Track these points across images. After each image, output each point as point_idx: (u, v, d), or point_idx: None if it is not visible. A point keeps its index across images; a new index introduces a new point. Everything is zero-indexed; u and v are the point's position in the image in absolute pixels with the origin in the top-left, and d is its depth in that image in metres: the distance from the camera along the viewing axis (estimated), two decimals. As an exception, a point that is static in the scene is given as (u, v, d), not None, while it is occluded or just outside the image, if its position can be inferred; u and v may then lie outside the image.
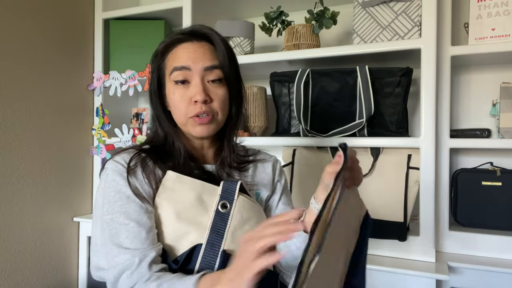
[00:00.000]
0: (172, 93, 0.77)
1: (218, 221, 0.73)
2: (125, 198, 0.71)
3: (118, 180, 0.73)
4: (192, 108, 0.76)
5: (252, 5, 1.53)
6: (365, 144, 1.18)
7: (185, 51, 0.76)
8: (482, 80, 1.33)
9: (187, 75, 0.76)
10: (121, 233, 0.69)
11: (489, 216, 1.20)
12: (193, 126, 0.77)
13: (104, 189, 0.74)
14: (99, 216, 0.74)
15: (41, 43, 1.42)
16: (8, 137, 1.30)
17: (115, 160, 0.75)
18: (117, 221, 0.70)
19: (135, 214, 0.70)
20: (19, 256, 1.33)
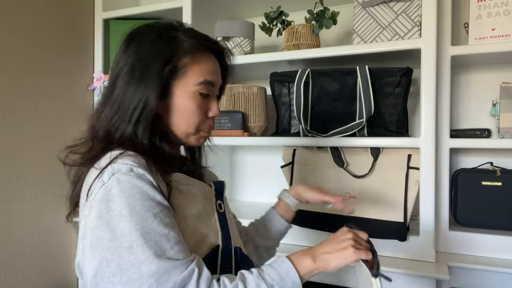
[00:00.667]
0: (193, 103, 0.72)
1: (222, 221, 0.74)
2: (156, 205, 0.60)
3: (140, 185, 0.60)
4: (207, 122, 0.76)
5: (252, 5, 1.53)
6: (365, 144, 1.18)
7: (213, 65, 0.76)
8: (482, 80, 1.33)
9: (211, 90, 0.75)
10: (164, 245, 0.58)
11: (489, 216, 1.20)
12: (198, 138, 0.77)
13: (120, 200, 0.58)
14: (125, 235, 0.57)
15: (41, 43, 1.42)
16: (8, 137, 1.30)
17: (124, 163, 0.61)
18: (156, 232, 0.58)
19: (171, 222, 0.61)
20: (19, 256, 1.33)
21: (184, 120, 0.73)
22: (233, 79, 1.67)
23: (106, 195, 0.59)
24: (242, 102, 1.40)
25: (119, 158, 0.62)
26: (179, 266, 0.57)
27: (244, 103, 1.40)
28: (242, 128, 1.35)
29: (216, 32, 1.41)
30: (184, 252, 0.59)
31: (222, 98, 1.41)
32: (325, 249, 0.68)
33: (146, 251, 0.56)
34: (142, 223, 0.57)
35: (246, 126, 1.39)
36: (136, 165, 0.61)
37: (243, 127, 1.36)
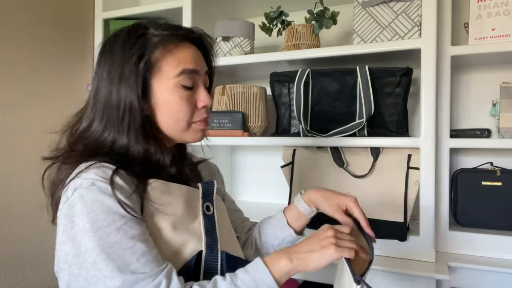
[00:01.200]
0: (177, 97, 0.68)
1: (208, 224, 0.71)
2: (119, 218, 0.59)
3: (102, 199, 0.59)
4: (198, 113, 0.72)
5: (252, 5, 1.53)
6: (365, 144, 1.18)
7: (191, 52, 0.71)
8: (482, 80, 1.33)
9: (195, 79, 0.71)
10: (129, 259, 0.57)
11: (489, 216, 1.20)
12: (195, 132, 0.73)
13: (83, 215, 0.58)
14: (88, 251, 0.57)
15: (41, 43, 1.42)
16: (8, 137, 1.30)
17: (87, 178, 0.61)
18: (119, 247, 0.57)
19: (137, 233, 0.59)
20: (19, 256, 1.33)
21: (172, 117, 0.70)
22: (233, 79, 1.67)
23: (70, 210, 0.59)
24: (242, 102, 1.40)
25: (83, 172, 0.62)
26: (145, 279, 0.56)
27: (244, 103, 1.40)
28: (242, 128, 1.35)
29: (216, 32, 1.41)
30: (152, 263, 0.58)
31: (222, 98, 1.41)
32: (304, 248, 0.64)
33: (110, 266, 0.56)
34: (105, 237, 0.57)
35: (246, 126, 1.39)
36: (99, 179, 0.60)
37: (243, 127, 1.36)
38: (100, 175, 0.61)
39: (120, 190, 0.61)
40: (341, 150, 1.25)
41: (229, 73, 1.58)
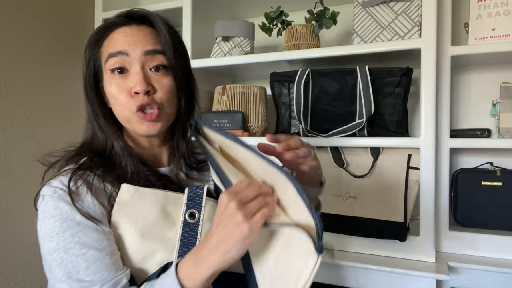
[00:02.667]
0: (109, 84, 0.67)
1: (187, 234, 0.65)
2: (75, 225, 0.60)
3: (61, 207, 0.61)
4: (133, 100, 0.65)
5: (252, 5, 1.53)
6: (365, 144, 1.18)
7: (121, 35, 0.66)
8: (482, 80, 1.33)
9: (124, 61, 0.65)
10: (79, 265, 0.58)
11: (489, 216, 1.19)
12: (139, 123, 0.67)
13: (45, 221, 0.62)
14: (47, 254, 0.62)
15: (41, 43, 1.42)
16: (8, 137, 1.30)
17: (52, 186, 0.64)
18: (72, 253, 0.59)
19: (91, 240, 0.60)
20: (19, 256, 1.33)
21: (115, 105, 0.68)
22: (233, 79, 1.67)
23: (39, 214, 0.64)
24: (242, 102, 1.40)
25: (52, 179, 0.66)
26: (90, 286, 0.58)
27: (244, 103, 1.40)
28: (242, 128, 1.35)
29: (216, 32, 1.41)
30: (102, 271, 0.59)
31: (222, 98, 1.41)
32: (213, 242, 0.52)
33: (62, 271, 0.59)
34: (60, 243, 0.60)
35: (246, 126, 1.39)
36: (60, 187, 0.63)
37: (243, 127, 1.36)
38: (64, 182, 0.64)
39: (80, 197, 0.63)
40: (341, 150, 1.25)
41: (229, 73, 1.58)
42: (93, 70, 0.69)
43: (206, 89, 1.53)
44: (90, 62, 0.69)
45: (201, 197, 0.68)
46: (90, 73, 0.69)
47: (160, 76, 0.67)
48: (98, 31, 0.69)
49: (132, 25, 0.68)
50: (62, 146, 0.73)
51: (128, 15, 0.69)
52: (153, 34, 0.69)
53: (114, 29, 0.68)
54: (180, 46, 0.72)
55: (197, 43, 1.44)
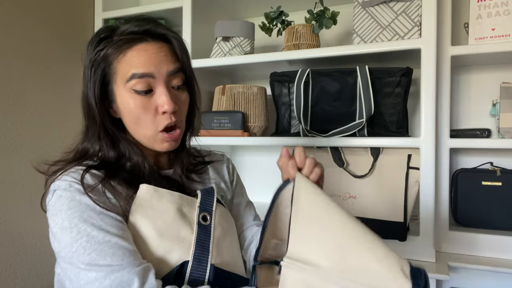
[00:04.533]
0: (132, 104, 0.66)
1: (202, 235, 0.67)
2: (96, 215, 0.60)
3: (79, 199, 0.61)
4: (160, 120, 0.67)
5: (252, 5, 1.53)
6: (365, 144, 1.18)
7: (144, 53, 0.65)
8: (482, 80, 1.33)
9: (150, 83, 0.65)
10: (105, 251, 0.58)
11: (489, 216, 1.20)
12: (161, 142, 0.69)
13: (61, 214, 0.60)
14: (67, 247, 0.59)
15: (40, 43, 1.42)
16: (8, 137, 1.30)
17: (65, 180, 0.63)
18: (95, 240, 0.58)
19: (114, 229, 0.60)
20: (19, 256, 1.33)
21: (134, 123, 0.68)
22: (233, 79, 1.67)
23: (51, 210, 0.62)
24: (242, 102, 1.40)
25: (62, 174, 0.65)
26: (120, 270, 0.57)
27: (244, 103, 1.40)
28: (242, 128, 1.35)
29: (216, 32, 1.41)
30: (130, 257, 0.58)
31: (222, 98, 1.41)
32: None
33: (86, 260, 0.57)
34: (82, 232, 0.59)
35: (246, 126, 1.39)
36: (76, 181, 0.63)
37: (243, 127, 1.36)
38: (76, 178, 0.63)
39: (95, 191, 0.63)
40: (341, 150, 1.25)
41: (229, 73, 1.58)
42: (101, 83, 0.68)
43: (206, 89, 1.53)
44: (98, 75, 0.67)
45: (212, 201, 0.72)
46: (99, 87, 0.67)
47: (180, 93, 0.70)
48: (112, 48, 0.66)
49: (150, 41, 0.67)
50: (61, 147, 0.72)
51: (146, 31, 0.67)
52: (171, 51, 0.69)
53: (130, 46, 0.66)
54: (189, 59, 0.73)
55: (197, 43, 1.44)
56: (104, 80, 0.68)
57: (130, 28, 0.67)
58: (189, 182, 0.77)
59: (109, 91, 0.69)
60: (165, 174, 0.75)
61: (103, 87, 0.68)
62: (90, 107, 0.68)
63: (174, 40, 0.70)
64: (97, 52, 0.67)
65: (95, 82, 0.67)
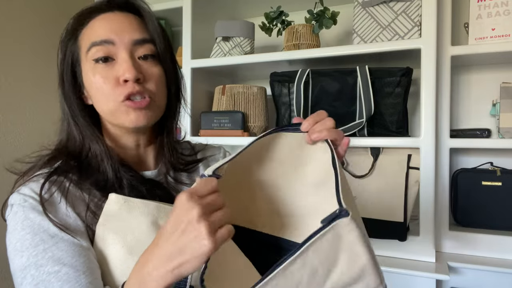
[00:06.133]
0: (92, 75, 0.60)
1: None
2: (49, 239, 0.53)
3: (32, 218, 0.54)
4: (121, 89, 0.59)
5: (252, 5, 1.53)
6: (365, 144, 1.18)
7: (105, 22, 0.60)
8: (482, 80, 1.33)
9: (110, 50, 0.59)
10: (52, 284, 0.51)
11: (489, 216, 1.20)
12: (126, 113, 0.60)
13: (15, 234, 0.54)
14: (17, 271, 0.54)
15: (40, 42, 1.42)
16: (8, 137, 1.30)
17: (21, 193, 0.57)
18: (44, 270, 0.52)
19: (66, 256, 0.53)
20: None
21: (97, 98, 0.61)
22: (233, 79, 1.67)
23: (8, 226, 0.56)
24: (242, 102, 1.40)
25: (21, 185, 0.59)
26: None
27: (244, 103, 1.40)
28: (242, 128, 1.35)
29: (216, 32, 1.41)
30: None
31: (222, 98, 1.41)
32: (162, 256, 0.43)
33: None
34: (31, 259, 0.53)
35: (246, 126, 1.39)
36: (31, 195, 0.56)
37: (243, 127, 1.36)
38: (34, 189, 0.57)
39: (54, 206, 0.56)
40: (341, 150, 1.25)
41: (229, 73, 1.58)
42: (70, 64, 0.63)
43: (206, 89, 1.53)
44: (66, 54, 0.63)
45: None
46: (68, 67, 0.63)
47: (149, 65, 0.62)
48: (76, 20, 0.63)
49: (115, 11, 0.62)
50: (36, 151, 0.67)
51: (111, 0, 0.62)
52: (139, 22, 0.63)
53: (94, 16, 0.61)
54: (165, 35, 0.66)
55: (197, 43, 1.44)
56: (72, 59, 0.63)
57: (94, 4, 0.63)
58: (177, 184, 0.68)
59: (78, 71, 0.63)
60: (147, 175, 0.65)
61: (72, 68, 0.63)
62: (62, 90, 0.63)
63: (143, 10, 0.64)
64: (65, 30, 0.64)
65: (63, 61, 0.63)
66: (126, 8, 0.63)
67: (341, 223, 0.44)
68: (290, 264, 0.43)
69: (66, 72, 0.63)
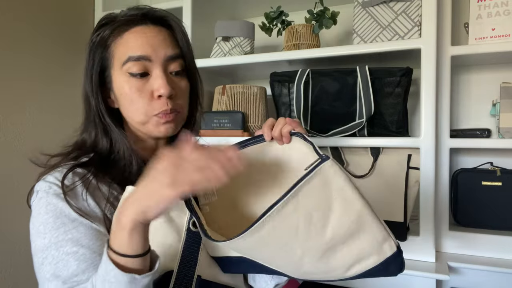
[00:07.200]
0: (127, 87, 0.64)
1: (190, 243, 0.62)
2: (69, 222, 0.58)
3: (55, 203, 0.59)
4: (155, 104, 0.64)
5: (252, 5, 1.53)
6: (365, 144, 1.18)
7: (140, 36, 0.64)
8: (482, 80, 1.33)
9: (146, 66, 0.64)
10: (69, 264, 0.56)
11: (489, 216, 1.20)
12: (156, 125, 0.65)
13: (39, 217, 0.59)
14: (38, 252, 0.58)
15: (40, 42, 1.42)
16: (8, 137, 1.30)
17: (47, 181, 0.62)
18: (63, 251, 0.56)
19: (85, 239, 0.58)
20: (19, 256, 1.33)
21: (129, 109, 0.65)
22: (233, 79, 1.67)
23: (33, 211, 0.61)
24: (242, 102, 1.40)
25: (46, 174, 0.63)
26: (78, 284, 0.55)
27: (244, 103, 1.40)
28: (242, 128, 1.35)
29: (216, 32, 1.41)
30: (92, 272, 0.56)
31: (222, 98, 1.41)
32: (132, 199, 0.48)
33: (52, 269, 0.56)
34: (52, 240, 0.57)
35: (246, 126, 1.39)
36: (56, 183, 0.61)
37: (243, 127, 1.36)
38: (58, 178, 0.62)
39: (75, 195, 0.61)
40: (341, 150, 1.25)
41: (229, 73, 1.58)
42: (99, 69, 0.67)
43: (206, 89, 1.53)
44: (96, 60, 0.66)
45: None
46: (97, 72, 0.66)
47: (179, 79, 0.67)
48: (110, 30, 0.66)
49: (149, 25, 0.65)
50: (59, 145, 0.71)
51: (145, 14, 0.66)
52: (171, 37, 0.67)
53: (128, 28, 0.65)
54: (191, 49, 0.71)
55: (197, 43, 1.44)
56: (102, 65, 0.66)
57: (129, 12, 0.67)
58: None
59: (107, 77, 0.67)
60: None
61: (101, 73, 0.67)
62: (87, 93, 0.67)
63: (175, 25, 0.68)
64: (96, 36, 0.66)
65: (93, 67, 0.66)
66: (160, 22, 0.67)
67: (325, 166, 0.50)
68: (282, 206, 0.47)
69: (94, 76, 0.66)
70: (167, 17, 0.68)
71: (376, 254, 0.53)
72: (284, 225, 0.48)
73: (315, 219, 0.50)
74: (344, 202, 0.51)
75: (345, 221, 0.50)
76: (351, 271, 0.53)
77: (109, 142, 0.67)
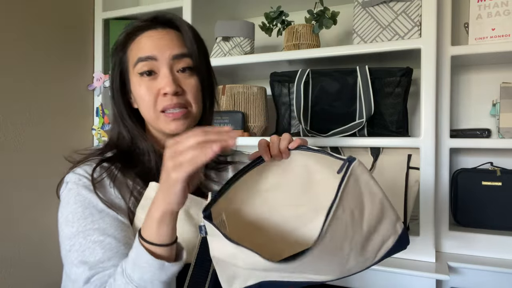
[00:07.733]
0: (138, 86, 0.70)
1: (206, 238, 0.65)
2: (97, 213, 0.63)
3: (84, 194, 0.64)
4: (161, 101, 0.68)
5: (252, 5, 1.53)
6: (365, 144, 1.18)
7: (149, 39, 0.69)
8: (482, 80, 1.33)
9: (153, 65, 0.69)
10: (96, 251, 0.60)
11: (489, 216, 1.20)
12: (166, 122, 0.69)
13: (68, 207, 0.64)
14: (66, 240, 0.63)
15: (40, 43, 1.42)
16: (8, 137, 1.30)
17: (77, 173, 0.67)
18: (90, 239, 0.61)
19: (111, 229, 0.62)
20: (19, 256, 1.33)
21: (142, 107, 0.71)
22: (233, 79, 1.67)
23: (62, 201, 0.66)
24: (242, 102, 1.40)
25: (76, 167, 0.68)
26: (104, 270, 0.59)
27: (244, 103, 1.40)
28: (242, 128, 1.35)
29: (216, 32, 1.41)
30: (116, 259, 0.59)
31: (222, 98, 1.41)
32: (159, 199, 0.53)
33: (79, 256, 0.60)
34: (80, 229, 0.62)
35: (246, 126, 1.39)
36: (85, 175, 0.66)
37: (243, 127, 1.36)
38: (87, 171, 0.67)
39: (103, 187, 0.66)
40: (341, 150, 1.25)
41: (229, 73, 1.58)
42: (119, 73, 0.73)
43: (206, 89, 1.53)
44: (116, 65, 0.73)
45: None
46: (117, 77, 0.73)
47: (187, 77, 0.71)
48: (125, 36, 0.72)
49: (158, 28, 0.71)
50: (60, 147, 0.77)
51: (155, 19, 0.72)
52: (179, 37, 0.71)
53: (140, 33, 0.71)
54: (203, 47, 0.75)
55: (197, 43, 1.44)
56: (121, 69, 0.73)
57: (142, 18, 0.72)
58: (206, 180, 0.77)
59: (126, 79, 0.73)
60: None
61: (122, 76, 0.73)
62: (112, 95, 0.74)
63: (183, 27, 0.72)
64: (116, 43, 0.74)
65: (114, 70, 0.73)
66: (168, 24, 0.72)
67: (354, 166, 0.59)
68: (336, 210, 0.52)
69: (115, 80, 0.73)
70: (174, 19, 0.72)
71: (394, 234, 0.61)
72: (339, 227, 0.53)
73: (356, 215, 0.55)
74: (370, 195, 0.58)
75: (374, 212, 0.58)
76: (378, 255, 0.60)
77: (130, 140, 0.73)
